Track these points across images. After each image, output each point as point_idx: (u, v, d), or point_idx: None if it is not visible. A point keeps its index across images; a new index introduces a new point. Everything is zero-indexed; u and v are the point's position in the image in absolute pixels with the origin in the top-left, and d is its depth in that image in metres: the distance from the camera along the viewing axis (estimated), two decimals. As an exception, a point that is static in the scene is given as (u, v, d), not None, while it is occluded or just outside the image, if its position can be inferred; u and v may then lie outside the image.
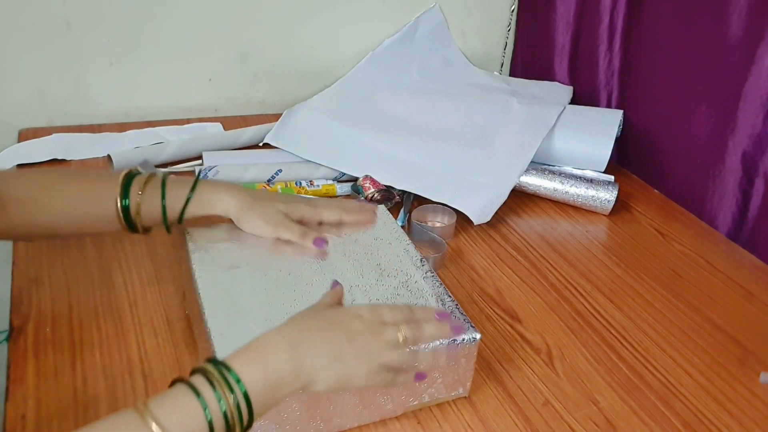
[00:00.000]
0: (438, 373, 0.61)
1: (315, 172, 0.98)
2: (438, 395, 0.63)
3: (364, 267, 0.68)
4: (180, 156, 1.00)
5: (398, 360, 0.56)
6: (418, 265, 0.69)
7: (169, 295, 0.74)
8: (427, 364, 0.59)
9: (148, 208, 0.66)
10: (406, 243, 0.72)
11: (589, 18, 1.14)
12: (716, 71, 0.94)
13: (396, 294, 0.65)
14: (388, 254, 0.70)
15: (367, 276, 0.67)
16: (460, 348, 0.60)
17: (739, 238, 0.94)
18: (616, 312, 0.79)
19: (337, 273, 0.66)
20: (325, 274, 0.66)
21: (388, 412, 0.61)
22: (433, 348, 0.58)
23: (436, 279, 0.67)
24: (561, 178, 0.98)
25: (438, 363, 0.60)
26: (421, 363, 0.58)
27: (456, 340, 0.60)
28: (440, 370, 0.61)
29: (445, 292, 0.66)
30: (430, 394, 0.62)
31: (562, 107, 1.09)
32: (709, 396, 0.68)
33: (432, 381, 0.61)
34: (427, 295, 0.65)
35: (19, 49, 1.02)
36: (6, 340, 0.67)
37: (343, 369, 0.53)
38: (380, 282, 0.66)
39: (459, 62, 1.29)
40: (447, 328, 0.60)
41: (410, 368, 0.58)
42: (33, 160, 0.96)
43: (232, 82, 1.17)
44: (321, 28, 1.19)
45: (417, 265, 0.69)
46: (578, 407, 0.65)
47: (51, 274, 0.76)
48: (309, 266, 0.67)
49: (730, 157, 0.93)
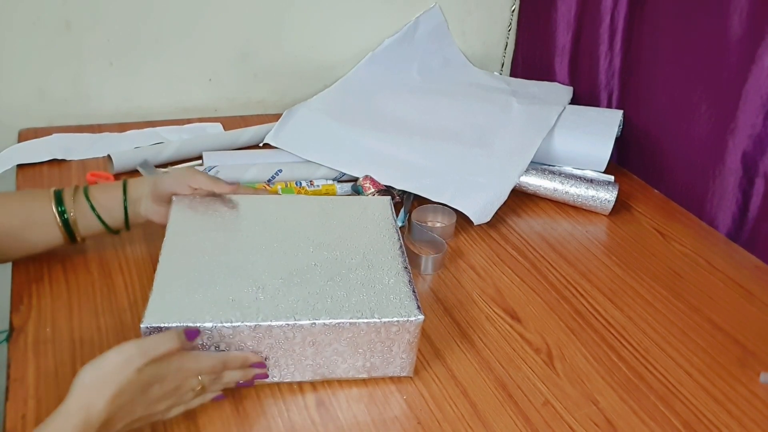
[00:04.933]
0: (372, 353, 0.64)
1: (315, 172, 0.98)
2: (375, 372, 0.65)
3: (337, 244, 0.70)
4: (180, 156, 0.99)
5: (198, 403, 0.60)
6: (395, 255, 0.70)
7: (169, 295, 0.74)
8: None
9: (84, 219, 0.72)
10: (394, 239, 0.73)
11: (589, 18, 1.14)
12: (716, 71, 0.94)
13: (356, 268, 0.67)
14: (372, 241, 0.72)
15: (335, 251, 0.69)
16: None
17: (739, 238, 0.94)
18: (616, 312, 0.79)
19: (303, 236, 0.71)
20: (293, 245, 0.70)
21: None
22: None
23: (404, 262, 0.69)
24: (561, 178, 0.98)
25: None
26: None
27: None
28: (378, 350, 0.64)
29: (405, 270, 0.68)
30: (366, 369, 0.65)
31: (562, 107, 1.09)
32: (709, 396, 0.68)
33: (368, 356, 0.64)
34: (385, 273, 0.67)
35: (19, 49, 1.02)
36: (6, 340, 0.67)
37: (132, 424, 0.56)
38: (344, 258, 0.69)
39: (459, 62, 1.29)
40: (251, 374, 0.62)
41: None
42: (33, 160, 0.96)
43: (232, 82, 1.17)
44: (321, 28, 1.19)
45: (394, 256, 0.70)
46: (578, 407, 0.65)
47: (51, 274, 0.76)
48: (275, 237, 0.71)
49: (730, 157, 0.93)
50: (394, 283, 0.66)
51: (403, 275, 0.67)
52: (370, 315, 0.61)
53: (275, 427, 0.60)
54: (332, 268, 0.67)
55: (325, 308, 0.62)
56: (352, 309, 0.62)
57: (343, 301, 0.63)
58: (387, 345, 0.63)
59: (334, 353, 0.63)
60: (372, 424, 0.61)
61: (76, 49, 1.05)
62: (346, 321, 0.61)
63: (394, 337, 0.63)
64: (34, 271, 0.76)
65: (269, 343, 0.61)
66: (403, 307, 0.63)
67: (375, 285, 0.65)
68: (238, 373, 0.61)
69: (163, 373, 0.55)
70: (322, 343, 0.62)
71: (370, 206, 0.78)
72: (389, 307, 0.63)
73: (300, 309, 0.61)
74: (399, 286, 0.65)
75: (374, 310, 0.62)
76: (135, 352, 0.54)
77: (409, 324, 0.62)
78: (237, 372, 0.61)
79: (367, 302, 0.63)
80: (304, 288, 0.64)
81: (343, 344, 0.62)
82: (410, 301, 0.64)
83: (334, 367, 0.64)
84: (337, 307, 0.62)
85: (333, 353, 0.63)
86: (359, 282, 0.65)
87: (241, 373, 0.61)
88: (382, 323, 0.62)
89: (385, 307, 0.62)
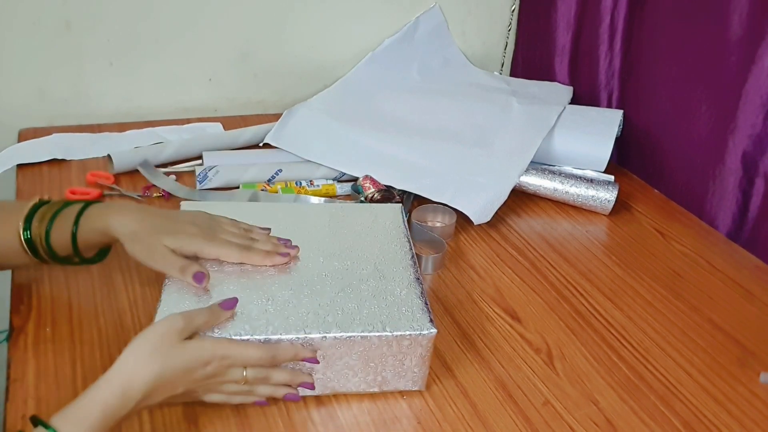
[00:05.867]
0: (383, 365, 0.62)
1: (315, 172, 0.98)
2: (386, 387, 0.64)
3: (349, 253, 0.69)
4: (180, 156, 0.99)
5: (240, 401, 0.60)
6: (407, 265, 0.69)
7: (169, 295, 0.74)
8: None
9: (56, 238, 0.65)
10: (406, 248, 0.72)
11: (589, 18, 1.14)
12: (716, 71, 0.94)
13: (367, 279, 0.66)
14: (384, 251, 0.70)
15: (345, 261, 0.68)
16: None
17: (739, 238, 0.94)
18: (616, 312, 0.79)
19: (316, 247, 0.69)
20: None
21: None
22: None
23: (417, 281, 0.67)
24: (561, 178, 0.98)
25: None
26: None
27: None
28: (389, 363, 0.62)
29: (417, 284, 0.66)
30: (378, 383, 0.63)
31: (562, 107, 1.09)
32: (709, 396, 0.68)
33: (379, 370, 0.62)
34: (398, 284, 0.66)
35: (19, 49, 1.02)
36: (6, 340, 0.67)
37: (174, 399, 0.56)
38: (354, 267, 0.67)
39: (459, 62, 1.29)
40: (299, 378, 0.60)
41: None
42: (33, 160, 0.96)
43: (232, 82, 1.17)
44: (321, 28, 1.19)
45: (406, 266, 0.68)
46: (578, 407, 0.65)
47: (51, 274, 0.76)
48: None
49: (730, 157, 0.93)
50: (406, 295, 0.64)
51: (415, 286, 0.65)
52: (381, 328, 0.60)
53: (275, 427, 0.60)
54: (343, 279, 0.66)
55: (335, 321, 0.60)
56: (363, 322, 0.60)
57: (354, 314, 0.61)
58: (399, 359, 0.61)
59: (345, 367, 0.61)
60: (372, 424, 0.61)
61: (76, 49, 1.05)
62: (357, 335, 0.59)
63: (406, 350, 0.61)
64: (34, 271, 0.75)
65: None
66: (416, 320, 0.61)
67: (387, 297, 0.64)
68: (286, 375, 0.60)
69: (207, 354, 0.55)
70: (332, 357, 0.60)
71: (381, 214, 0.77)
72: (401, 320, 0.61)
73: (310, 322, 0.60)
74: (411, 297, 0.64)
75: (386, 323, 0.60)
76: (180, 319, 0.55)
77: (422, 338, 0.61)
78: (284, 374, 0.60)
79: (379, 315, 0.61)
80: (314, 300, 0.63)
81: (354, 358, 0.61)
82: (423, 314, 0.62)
83: (345, 381, 0.62)
84: (348, 320, 0.60)
85: (344, 367, 0.61)
86: (371, 293, 0.64)
87: (289, 376, 0.60)
88: (393, 337, 0.60)
89: (397, 320, 0.61)
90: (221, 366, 0.56)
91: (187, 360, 0.54)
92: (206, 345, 0.56)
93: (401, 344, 0.61)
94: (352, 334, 0.59)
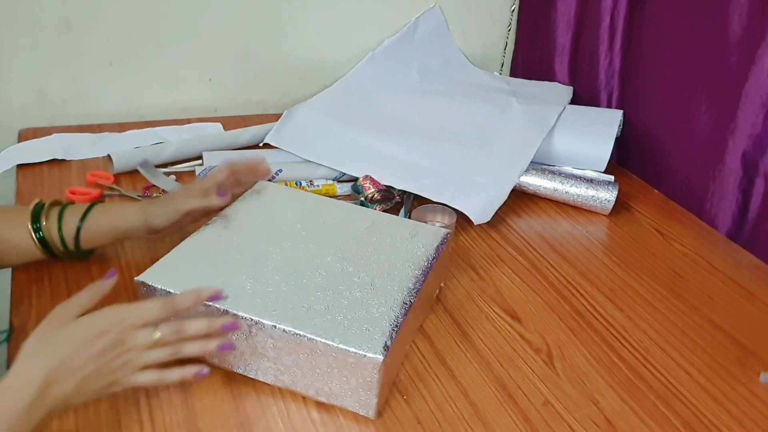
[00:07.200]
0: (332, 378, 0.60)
1: (315, 172, 0.98)
2: (334, 401, 0.61)
3: (354, 260, 0.69)
4: (180, 156, 1.00)
5: (156, 359, 0.55)
6: (403, 288, 0.65)
7: (169, 295, 0.74)
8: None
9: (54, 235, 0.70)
10: (417, 274, 0.68)
11: (589, 18, 1.14)
12: (716, 71, 0.94)
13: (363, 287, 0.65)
14: (393, 268, 0.68)
15: (349, 267, 0.68)
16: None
17: (739, 238, 0.94)
18: (616, 312, 0.79)
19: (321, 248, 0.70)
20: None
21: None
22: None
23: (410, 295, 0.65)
24: (561, 178, 0.98)
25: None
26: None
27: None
28: (339, 380, 0.60)
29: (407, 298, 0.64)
30: (326, 393, 0.61)
31: (562, 107, 1.09)
32: (709, 396, 0.68)
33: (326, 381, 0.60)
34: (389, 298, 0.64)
35: (19, 49, 1.02)
36: (6, 340, 0.67)
37: (98, 390, 0.53)
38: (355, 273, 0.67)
39: (459, 62, 1.29)
40: (217, 322, 0.58)
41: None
42: (33, 160, 0.96)
43: (232, 82, 1.17)
44: (321, 28, 1.19)
45: (402, 288, 0.65)
46: (578, 407, 0.65)
47: (51, 274, 0.76)
48: (309, 237, 0.71)
49: (730, 157, 0.93)
50: (380, 316, 0.61)
51: (396, 310, 0.62)
52: (330, 337, 0.58)
53: (275, 427, 0.60)
54: (334, 281, 0.65)
55: (294, 316, 0.60)
56: (318, 326, 0.59)
57: (317, 316, 0.60)
58: (344, 375, 0.59)
59: (294, 364, 0.60)
60: (372, 424, 0.61)
61: (76, 49, 1.05)
62: (305, 335, 0.58)
63: (351, 369, 0.58)
64: (34, 271, 0.75)
65: (235, 334, 0.61)
66: (369, 341, 0.58)
67: (361, 311, 0.61)
68: (202, 322, 0.57)
69: (101, 324, 0.53)
70: (283, 350, 0.60)
71: (421, 233, 0.74)
72: (354, 336, 0.58)
73: (269, 308, 0.60)
74: (383, 320, 0.61)
75: (336, 334, 0.58)
76: (61, 306, 0.54)
77: (366, 360, 0.57)
78: (199, 322, 0.57)
79: (339, 324, 0.59)
80: (293, 291, 0.63)
81: (303, 359, 0.59)
82: (379, 338, 0.58)
83: (294, 379, 0.61)
84: (305, 318, 0.60)
85: (293, 364, 0.60)
86: (348, 302, 0.62)
87: (206, 323, 0.57)
88: (339, 349, 0.58)
89: (350, 335, 0.58)
90: (122, 331, 0.53)
91: (79, 334, 0.52)
92: (97, 314, 0.53)
93: (346, 360, 0.58)
94: (301, 333, 0.59)
